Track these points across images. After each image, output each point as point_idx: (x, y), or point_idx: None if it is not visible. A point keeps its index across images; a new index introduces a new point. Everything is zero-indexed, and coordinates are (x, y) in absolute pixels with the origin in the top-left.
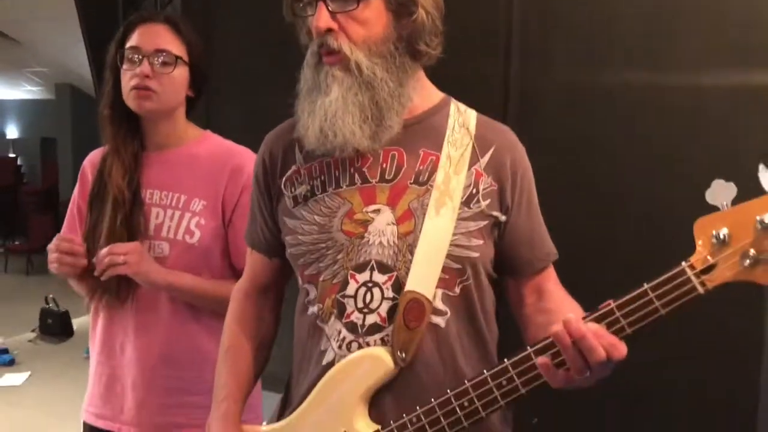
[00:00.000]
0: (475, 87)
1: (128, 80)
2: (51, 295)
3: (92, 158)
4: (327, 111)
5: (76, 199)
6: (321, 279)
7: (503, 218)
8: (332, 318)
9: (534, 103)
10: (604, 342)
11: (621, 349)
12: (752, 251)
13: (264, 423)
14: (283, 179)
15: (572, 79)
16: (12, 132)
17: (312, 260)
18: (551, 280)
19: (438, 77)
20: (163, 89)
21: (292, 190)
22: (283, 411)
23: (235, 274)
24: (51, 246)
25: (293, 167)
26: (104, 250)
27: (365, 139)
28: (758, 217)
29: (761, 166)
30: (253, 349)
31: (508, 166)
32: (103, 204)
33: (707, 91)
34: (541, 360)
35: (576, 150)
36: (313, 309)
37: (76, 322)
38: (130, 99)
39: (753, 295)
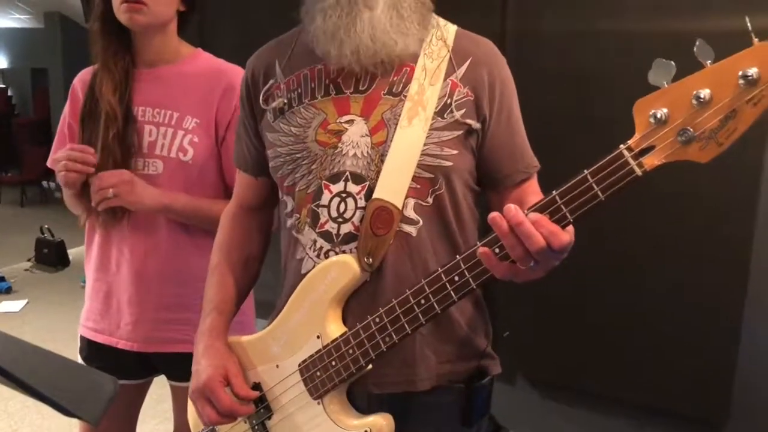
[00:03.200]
0: (471, 17)
1: None
2: (46, 226)
3: (82, 76)
4: (375, 25)
5: (67, 118)
6: (297, 189)
7: (477, 126)
8: (306, 228)
9: (528, 50)
10: (544, 230)
11: (561, 238)
12: (688, 128)
13: None
14: (263, 95)
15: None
16: (1, 62)
17: (288, 171)
18: (533, 193)
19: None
20: (155, 2)
21: (272, 104)
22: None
23: (229, 193)
24: (61, 155)
25: (271, 82)
26: (93, 182)
27: (403, 46)
28: (694, 92)
29: (698, 41)
30: (241, 265)
31: (485, 77)
32: (94, 121)
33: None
34: (481, 249)
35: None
36: (291, 220)
37: (72, 253)
38: (120, 13)
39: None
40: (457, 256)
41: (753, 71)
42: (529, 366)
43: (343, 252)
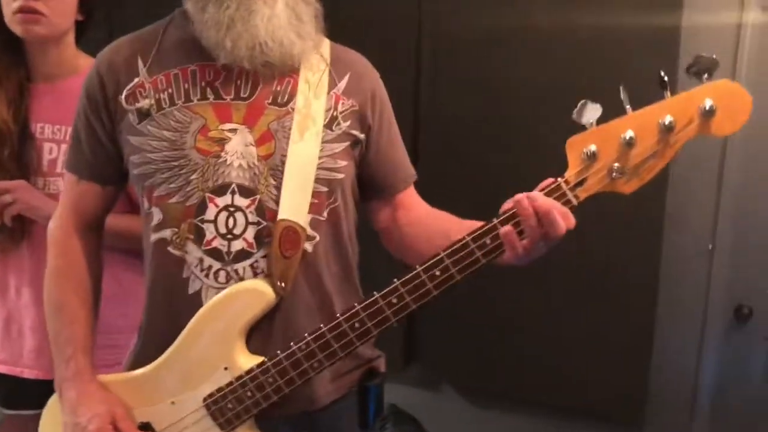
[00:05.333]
0: (387, 26)
1: (10, 0)
2: None
3: None
4: (274, 23)
5: None
6: (171, 201)
7: (362, 137)
8: (189, 244)
9: (446, 44)
10: (559, 211)
11: (572, 219)
12: (617, 165)
13: None
14: (125, 94)
15: (482, 20)
16: None
17: (162, 180)
18: (416, 197)
19: (352, 17)
20: (52, 12)
21: (136, 104)
22: (147, 349)
23: (134, 208)
24: None
25: (136, 80)
26: None
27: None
28: (622, 135)
29: (621, 88)
30: (91, 293)
31: (367, 90)
32: None
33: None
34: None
35: (488, 88)
36: (161, 234)
37: None
38: (14, 23)
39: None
40: (395, 280)
41: (670, 120)
42: (453, 373)
43: (236, 271)
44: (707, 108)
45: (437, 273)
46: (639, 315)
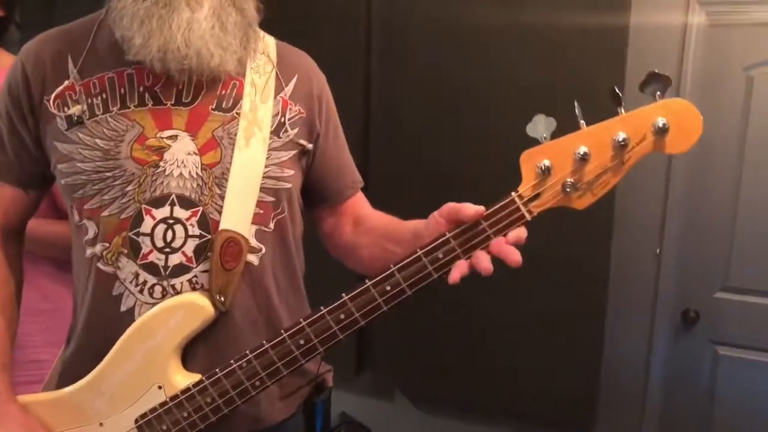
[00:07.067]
0: (336, 25)
1: None
2: None
3: None
4: (193, 29)
5: None
6: (104, 214)
7: (310, 146)
8: (123, 259)
9: (396, 40)
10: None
11: (523, 235)
12: (570, 180)
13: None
14: (53, 97)
15: (435, 15)
16: None
17: (94, 192)
18: (366, 206)
19: (299, 16)
20: None
21: (65, 109)
22: (74, 368)
23: (59, 214)
24: None
25: (66, 83)
26: None
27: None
28: (575, 150)
29: (576, 104)
30: (10, 305)
31: (314, 94)
32: None
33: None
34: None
35: (440, 84)
36: (93, 249)
37: None
38: None
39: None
40: (343, 295)
41: (623, 137)
42: (406, 382)
43: (173, 287)
44: (660, 126)
45: (387, 288)
46: (589, 320)
